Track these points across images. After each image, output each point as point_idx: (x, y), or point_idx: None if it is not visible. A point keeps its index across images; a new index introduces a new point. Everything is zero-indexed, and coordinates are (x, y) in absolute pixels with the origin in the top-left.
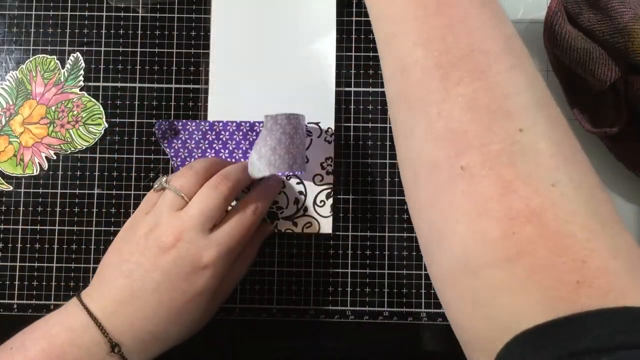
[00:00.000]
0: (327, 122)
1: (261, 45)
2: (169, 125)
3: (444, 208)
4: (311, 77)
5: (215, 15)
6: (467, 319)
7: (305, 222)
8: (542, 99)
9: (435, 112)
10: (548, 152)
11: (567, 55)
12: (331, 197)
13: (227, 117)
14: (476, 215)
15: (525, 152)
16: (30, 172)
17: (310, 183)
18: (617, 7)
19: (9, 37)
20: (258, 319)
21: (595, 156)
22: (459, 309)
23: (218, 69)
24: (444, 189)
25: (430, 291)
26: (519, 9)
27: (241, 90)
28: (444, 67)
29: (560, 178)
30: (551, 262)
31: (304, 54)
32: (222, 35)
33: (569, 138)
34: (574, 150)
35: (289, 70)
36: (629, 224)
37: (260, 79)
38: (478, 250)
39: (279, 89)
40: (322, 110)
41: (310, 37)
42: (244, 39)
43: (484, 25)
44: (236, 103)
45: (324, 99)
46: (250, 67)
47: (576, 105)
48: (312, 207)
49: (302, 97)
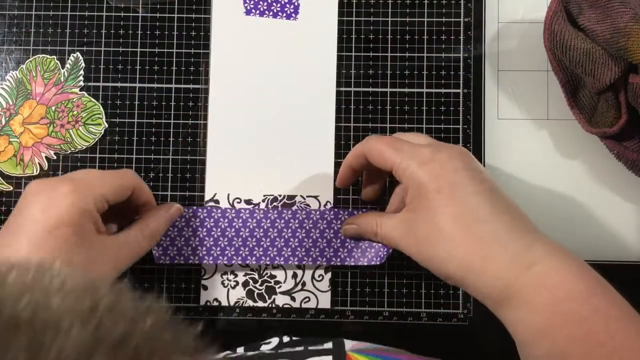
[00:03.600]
0: (327, 123)
1: (261, 45)
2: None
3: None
4: (312, 76)
5: (215, 15)
6: None
7: (303, 297)
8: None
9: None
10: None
11: (567, 55)
12: (330, 271)
13: (227, 118)
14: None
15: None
16: (30, 172)
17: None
18: (617, 7)
19: (9, 37)
20: (258, 319)
21: (595, 156)
22: None
23: (218, 69)
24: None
25: (430, 291)
26: (519, 9)
27: (241, 89)
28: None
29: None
30: None
31: (304, 53)
32: (223, 35)
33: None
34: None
35: (289, 70)
36: (629, 224)
37: (260, 78)
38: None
39: (279, 88)
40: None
41: (311, 36)
42: (244, 39)
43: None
44: (236, 102)
45: (324, 98)
46: (251, 67)
47: (576, 105)
48: (311, 281)
49: (302, 97)
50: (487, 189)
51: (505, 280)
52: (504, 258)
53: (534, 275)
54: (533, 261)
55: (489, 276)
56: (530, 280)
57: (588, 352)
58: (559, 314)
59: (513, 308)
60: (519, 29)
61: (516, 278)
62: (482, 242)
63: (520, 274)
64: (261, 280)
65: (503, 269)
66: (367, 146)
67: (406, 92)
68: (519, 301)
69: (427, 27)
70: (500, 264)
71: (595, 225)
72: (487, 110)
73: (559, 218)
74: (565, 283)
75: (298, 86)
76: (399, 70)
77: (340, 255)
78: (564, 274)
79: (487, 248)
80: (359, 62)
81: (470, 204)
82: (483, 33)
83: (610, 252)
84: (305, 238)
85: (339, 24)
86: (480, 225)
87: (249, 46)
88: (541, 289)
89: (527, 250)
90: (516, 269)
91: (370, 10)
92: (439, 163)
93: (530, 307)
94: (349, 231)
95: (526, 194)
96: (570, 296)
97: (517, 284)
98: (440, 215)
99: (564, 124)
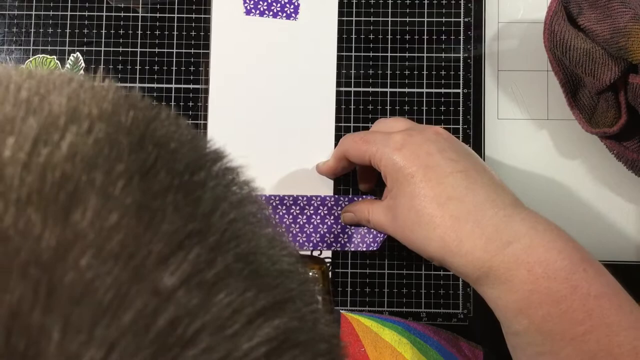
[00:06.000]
0: (327, 123)
1: (261, 45)
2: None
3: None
4: (312, 76)
5: (215, 15)
6: None
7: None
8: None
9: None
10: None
11: (567, 55)
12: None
13: (227, 118)
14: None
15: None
16: None
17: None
18: (617, 7)
19: (9, 37)
20: None
21: (595, 156)
22: None
23: (218, 69)
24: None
25: (430, 291)
26: (519, 9)
27: (241, 89)
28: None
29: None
30: None
31: (304, 53)
32: (223, 35)
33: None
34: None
35: (289, 70)
36: (629, 224)
37: (260, 78)
38: None
39: (279, 88)
40: (322, 112)
41: (311, 36)
42: (244, 39)
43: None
44: (236, 102)
45: (324, 98)
46: (251, 67)
47: (576, 105)
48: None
49: (302, 97)
50: (462, 167)
51: (481, 259)
52: (479, 237)
53: (511, 254)
54: (510, 239)
55: (466, 256)
56: (507, 259)
57: (566, 330)
58: (536, 293)
59: (491, 286)
60: (519, 29)
61: (492, 257)
62: (457, 222)
63: (497, 252)
64: None
65: (479, 248)
66: (344, 147)
67: (406, 92)
68: (496, 280)
69: (427, 27)
70: (475, 243)
71: (595, 225)
72: (487, 110)
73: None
74: (544, 261)
75: (298, 86)
76: (399, 70)
77: (341, 241)
78: (543, 252)
79: (462, 228)
80: (359, 62)
81: (445, 184)
82: (483, 33)
83: (610, 252)
84: (307, 224)
85: (339, 24)
86: (456, 204)
87: (249, 46)
88: (519, 267)
89: (506, 226)
90: (493, 247)
91: (370, 10)
92: (411, 148)
93: (508, 285)
94: (346, 218)
95: (526, 194)
96: (548, 274)
97: (494, 263)
98: (417, 199)
99: (564, 124)
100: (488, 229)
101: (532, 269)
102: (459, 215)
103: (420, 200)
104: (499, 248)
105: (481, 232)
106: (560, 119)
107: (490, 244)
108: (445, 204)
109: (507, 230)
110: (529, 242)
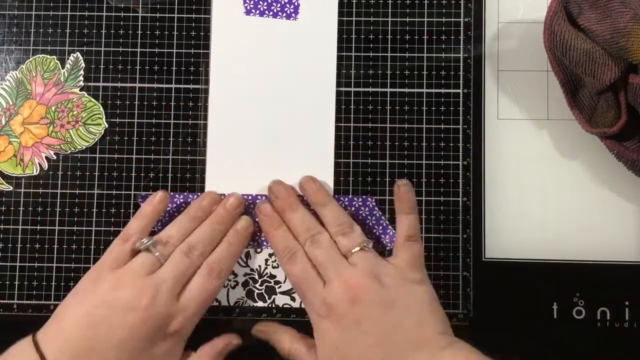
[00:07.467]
0: (327, 123)
1: (261, 46)
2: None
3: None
4: (311, 76)
5: (215, 15)
6: None
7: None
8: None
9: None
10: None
11: (567, 55)
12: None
13: (227, 118)
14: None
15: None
16: (30, 172)
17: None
18: (617, 7)
19: (9, 37)
20: (258, 319)
21: (595, 156)
22: None
23: (218, 69)
24: None
25: None
26: (519, 9)
27: (241, 89)
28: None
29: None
30: None
31: (304, 53)
32: (223, 35)
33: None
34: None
35: (289, 70)
36: (629, 224)
37: (260, 78)
38: None
39: (279, 88)
40: (322, 112)
41: (311, 36)
42: (244, 39)
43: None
44: (236, 102)
45: (324, 98)
46: (251, 67)
47: (576, 106)
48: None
49: (302, 97)
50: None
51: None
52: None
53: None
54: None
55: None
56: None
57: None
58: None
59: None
60: (519, 29)
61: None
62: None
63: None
64: (261, 280)
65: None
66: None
67: (406, 92)
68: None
69: (427, 27)
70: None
71: (595, 225)
72: (487, 110)
73: (558, 218)
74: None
75: (298, 86)
76: (399, 70)
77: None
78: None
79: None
80: (359, 62)
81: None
82: (483, 33)
83: (610, 252)
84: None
85: (339, 24)
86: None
87: (249, 46)
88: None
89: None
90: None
91: (370, 10)
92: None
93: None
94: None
95: (526, 194)
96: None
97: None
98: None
99: (564, 124)
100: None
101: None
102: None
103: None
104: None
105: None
106: (560, 119)
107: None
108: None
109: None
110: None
